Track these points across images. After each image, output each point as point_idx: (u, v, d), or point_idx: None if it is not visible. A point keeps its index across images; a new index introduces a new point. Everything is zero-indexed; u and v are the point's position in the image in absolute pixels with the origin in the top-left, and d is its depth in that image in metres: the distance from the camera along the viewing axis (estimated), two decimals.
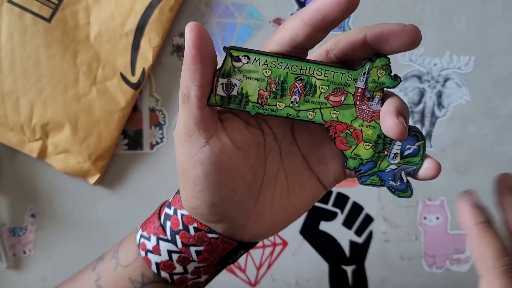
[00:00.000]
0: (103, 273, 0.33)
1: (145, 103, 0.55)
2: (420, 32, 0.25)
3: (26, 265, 0.55)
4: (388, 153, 0.29)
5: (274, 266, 0.58)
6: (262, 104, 0.27)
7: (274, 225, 0.31)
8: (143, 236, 0.32)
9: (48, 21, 0.51)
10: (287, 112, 0.28)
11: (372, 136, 0.28)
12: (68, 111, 0.51)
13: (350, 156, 0.29)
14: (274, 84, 0.27)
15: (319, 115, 0.28)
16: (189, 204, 0.29)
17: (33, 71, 0.51)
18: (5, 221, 0.54)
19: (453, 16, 0.57)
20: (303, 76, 0.27)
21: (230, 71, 0.27)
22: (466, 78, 0.58)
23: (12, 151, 0.53)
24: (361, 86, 0.27)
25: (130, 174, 0.56)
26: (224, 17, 0.55)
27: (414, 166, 0.29)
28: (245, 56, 0.27)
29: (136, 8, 0.51)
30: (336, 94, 0.28)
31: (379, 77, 0.27)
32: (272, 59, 0.27)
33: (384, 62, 0.27)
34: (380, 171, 0.29)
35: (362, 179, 0.30)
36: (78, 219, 0.56)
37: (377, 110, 0.28)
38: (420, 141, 0.29)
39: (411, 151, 0.29)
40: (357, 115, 0.28)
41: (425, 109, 0.58)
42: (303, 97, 0.28)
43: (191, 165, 0.27)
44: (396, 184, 0.30)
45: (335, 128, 0.28)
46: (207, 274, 0.32)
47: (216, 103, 0.27)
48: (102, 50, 0.52)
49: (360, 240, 0.58)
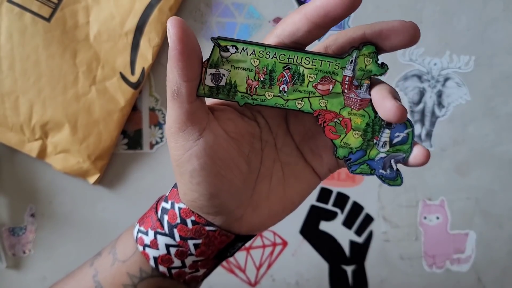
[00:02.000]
0: (101, 269, 0.33)
1: (144, 102, 0.55)
2: (418, 28, 0.25)
3: (26, 265, 0.55)
4: (377, 142, 0.29)
5: (274, 266, 0.58)
6: (250, 94, 0.27)
7: (270, 217, 0.31)
8: (141, 231, 0.32)
9: (48, 21, 0.51)
10: (276, 102, 0.28)
11: (361, 124, 0.28)
12: (68, 111, 0.51)
13: (339, 145, 0.29)
14: (262, 73, 0.27)
15: (308, 104, 0.28)
16: (188, 197, 0.29)
17: (32, 71, 0.51)
18: (4, 221, 0.54)
19: (453, 15, 0.57)
20: (291, 65, 0.27)
21: (218, 61, 0.27)
22: (466, 78, 0.58)
23: (11, 151, 0.53)
24: (348, 74, 0.27)
25: (130, 173, 0.56)
26: (224, 16, 0.55)
27: (404, 153, 0.29)
28: (232, 46, 0.26)
29: (135, 8, 0.51)
30: (324, 83, 0.28)
31: (366, 65, 0.27)
32: (260, 49, 0.27)
33: (370, 50, 0.27)
34: (370, 159, 0.29)
35: (352, 168, 0.29)
36: (78, 219, 0.56)
37: (365, 98, 0.28)
38: (409, 129, 0.28)
39: (400, 139, 0.29)
40: (345, 103, 0.28)
41: (425, 109, 0.58)
42: (292, 86, 0.27)
43: (186, 159, 0.27)
44: (386, 173, 0.29)
45: (324, 117, 0.28)
46: (205, 267, 0.32)
47: (205, 93, 0.27)
48: (101, 49, 0.52)
49: (360, 240, 0.58)
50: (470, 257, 0.60)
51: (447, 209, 0.59)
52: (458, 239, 0.59)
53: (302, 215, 0.58)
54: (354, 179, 0.57)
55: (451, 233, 0.59)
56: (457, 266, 0.60)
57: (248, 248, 0.58)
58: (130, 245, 0.33)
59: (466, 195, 0.59)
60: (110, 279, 0.33)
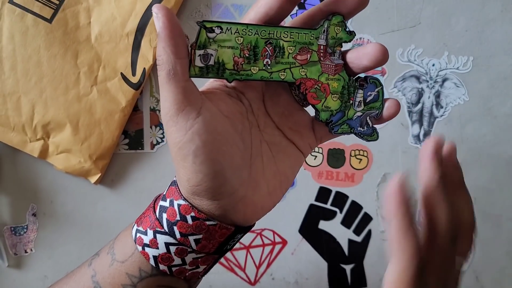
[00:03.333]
0: (99, 269, 0.34)
1: (145, 103, 0.55)
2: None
3: (27, 264, 0.56)
4: (353, 102, 0.32)
5: (274, 265, 0.58)
6: (238, 70, 0.30)
7: (270, 194, 0.33)
8: (139, 231, 0.32)
9: (49, 22, 0.51)
10: (261, 75, 0.30)
11: (338, 87, 0.31)
12: (69, 111, 0.52)
13: (321, 109, 0.32)
14: (247, 50, 0.29)
15: (290, 74, 0.30)
16: (192, 182, 0.29)
17: (34, 72, 0.51)
18: (6, 220, 0.55)
19: (451, 16, 0.57)
20: (272, 39, 0.30)
21: (205, 42, 0.29)
22: (464, 78, 0.58)
23: (13, 151, 0.53)
24: (322, 43, 0.30)
25: (131, 173, 0.56)
26: (224, 17, 0.55)
27: (377, 110, 0.32)
28: (217, 26, 0.29)
29: (136, 9, 0.52)
30: (302, 53, 0.30)
31: (337, 33, 0.30)
32: (243, 27, 0.29)
33: (339, 19, 0.30)
34: (349, 119, 0.32)
35: (334, 129, 0.32)
36: (79, 218, 0.56)
37: (339, 63, 0.31)
38: (379, 87, 0.32)
39: (372, 97, 0.32)
40: (322, 70, 0.31)
41: (423, 109, 0.58)
42: (274, 59, 0.30)
43: (188, 139, 0.28)
44: (364, 130, 0.32)
45: (305, 84, 0.31)
46: (205, 264, 0.32)
47: (196, 74, 0.29)
48: (103, 50, 0.52)
49: (359, 239, 0.59)
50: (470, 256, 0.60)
51: None
52: None
53: (301, 215, 0.58)
54: (354, 179, 0.58)
55: None
56: None
57: (248, 247, 0.58)
58: (129, 245, 0.33)
59: None
60: (109, 280, 0.33)
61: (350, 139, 0.57)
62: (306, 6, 0.55)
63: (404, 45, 0.57)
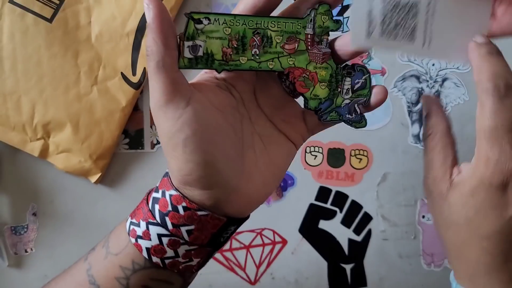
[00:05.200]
0: (94, 263, 0.34)
1: (146, 102, 0.55)
2: None
3: (28, 264, 0.56)
4: (341, 89, 0.32)
5: (274, 264, 0.58)
6: (226, 60, 0.30)
7: (264, 185, 0.33)
8: (133, 223, 0.32)
9: (49, 21, 0.51)
10: (250, 65, 0.30)
11: (326, 76, 0.32)
12: (69, 110, 0.52)
13: (310, 97, 0.32)
14: (235, 40, 0.30)
15: (278, 64, 0.31)
16: (183, 172, 0.30)
17: (34, 71, 0.51)
18: (6, 219, 0.55)
19: None
20: (260, 29, 0.30)
21: (194, 34, 0.29)
22: (464, 78, 0.58)
23: (13, 151, 0.53)
24: (310, 32, 0.31)
25: (131, 173, 0.56)
26: None
27: (365, 97, 0.32)
28: (205, 17, 0.29)
29: (137, 9, 0.52)
30: (290, 42, 0.31)
31: (323, 22, 0.31)
32: (230, 18, 0.29)
33: (326, 8, 0.31)
34: (337, 107, 0.32)
35: (323, 117, 0.32)
36: (79, 218, 0.56)
37: (327, 52, 0.31)
38: (366, 74, 0.32)
39: (360, 84, 0.32)
40: (310, 59, 0.31)
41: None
42: (262, 49, 0.30)
43: (178, 128, 0.28)
44: (352, 117, 0.33)
45: (294, 73, 0.31)
46: (199, 257, 0.32)
47: (185, 65, 0.29)
48: (103, 50, 0.52)
49: (359, 238, 0.59)
50: None
51: None
52: None
53: (301, 214, 0.58)
54: (353, 179, 0.58)
55: None
56: None
57: (248, 246, 0.58)
58: (123, 238, 0.33)
59: None
60: (103, 272, 0.33)
61: (350, 139, 0.58)
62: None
63: None
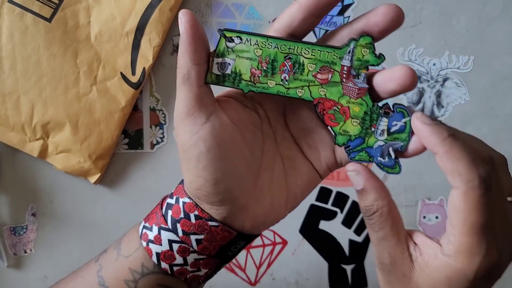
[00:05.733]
0: (105, 264, 0.34)
1: (145, 102, 0.55)
2: (401, 10, 0.28)
3: (27, 264, 0.55)
4: (375, 130, 0.30)
5: (274, 265, 0.58)
6: (254, 82, 0.29)
7: (274, 209, 0.32)
8: (146, 227, 0.33)
9: (49, 21, 0.51)
10: (278, 90, 0.29)
11: (359, 112, 0.29)
12: (69, 110, 0.52)
13: (338, 132, 0.30)
14: (265, 63, 0.29)
15: (308, 92, 0.29)
16: (193, 185, 0.30)
17: (33, 71, 0.51)
18: (6, 220, 0.55)
19: (452, 16, 0.57)
20: (292, 55, 0.29)
21: (224, 51, 0.29)
22: (465, 78, 0.58)
23: (13, 151, 0.53)
24: (346, 64, 0.29)
25: (131, 173, 0.56)
26: (224, 17, 0.55)
27: (402, 142, 0.29)
28: (237, 36, 0.29)
29: (136, 8, 0.52)
30: (323, 72, 0.29)
31: (363, 55, 0.28)
32: (263, 39, 0.29)
33: (367, 41, 0.28)
34: (368, 147, 0.30)
35: (351, 155, 0.30)
36: (79, 218, 0.56)
37: (363, 87, 0.29)
38: (406, 118, 0.29)
39: (398, 127, 0.29)
40: (344, 92, 0.29)
41: (424, 109, 0.58)
42: (292, 75, 0.29)
43: (193, 143, 0.29)
44: (385, 160, 0.30)
45: (324, 105, 0.29)
46: (207, 267, 0.32)
47: (212, 81, 0.29)
48: (102, 50, 0.52)
49: (359, 239, 0.59)
50: None
51: (447, 208, 0.59)
52: None
53: (302, 215, 0.58)
54: None
55: None
56: None
57: (248, 247, 0.58)
58: (134, 241, 0.33)
59: None
60: (112, 274, 0.33)
61: None
62: None
63: (405, 45, 0.57)
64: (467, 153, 0.26)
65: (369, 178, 0.29)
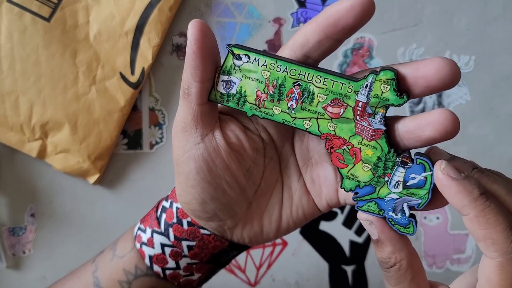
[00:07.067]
0: (101, 265, 0.34)
1: (144, 102, 0.55)
2: (458, 68, 0.23)
3: (26, 265, 0.55)
4: (389, 180, 0.26)
5: (274, 266, 0.58)
6: (259, 106, 0.27)
7: (262, 234, 0.31)
8: (140, 228, 0.33)
9: (48, 21, 0.51)
10: (283, 118, 0.26)
11: (372, 157, 0.26)
12: (68, 110, 0.51)
13: (346, 175, 0.26)
14: (272, 86, 0.26)
15: (316, 126, 0.26)
16: (182, 198, 0.30)
17: (32, 71, 0.51)
18: (4, 220, 0.54)
19: (453, 15, 0.57)
20: (301, 81, 0.26)
21: (230, 69, 0.26)
22: (466, 78, 0.58)
23: (11, 151, 0.53)
24: (362, 99, 0.25)
25: (130, 173, 0.56)
26: (224, 16, 0.55)
27: (419, 199, 0.25)
28: (245, 55, 0.26)
29: (135, 8, 0.51)
30: (334, 105, 0.26)
31: (382, 92, 0.25)
32: (272, 61, 0.26)
33: (389, 76, 0.24)
34: (379, 198, 0.26)
35: (359, 204, 0.27)
36: (78, 219, 0.56)
37: (379, 129, 0.25)
38: (428, 172, 0.25)
39: (416, 181, 0.25)
40: (356, 131, 0.26)
41: (425, 109, 0.58)
42: (300, 104, 0.26)
43: (184, 160, 0.28)
44: (397, 217, 0.26)
45: (332, 142, 0.26)
46: (200, 272, 0.32)
47: (216, 99, 0.27)
48: (101, 49, 0.52)
49: (360, 240, 0.58)
50: (470, 257, 0.59)
51: (447, 209, 0.59)
52: (458, 239, 0.59)
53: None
54: None
55: (451, 233, 0.59)
56: (457, 266, 0.60)
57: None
58: (129, 242, 0.33)
59: None
60: (107, 275, 0.33)
61: None
62: (307, 5, 0.54)
63: (406, 44, 0.57)
64: (503, 218, 0.22)
65: (383, 228, 0.25)
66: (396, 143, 0.26)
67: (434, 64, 0.23)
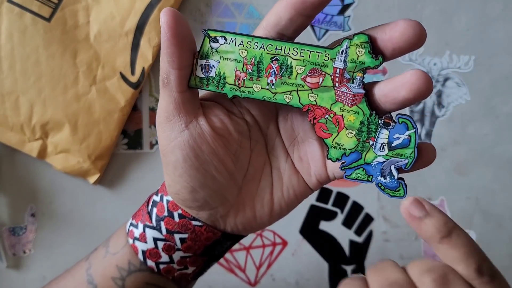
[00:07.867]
0: (94, 262, 0.34)
1: (144, 102, 0.55)
2: (423, 28, 0.24)
3: (26, 265, 0.55)
4: (374, 143, 0.26)
5: (274, 265, 0.58)
6: (239, 86, 0.27)
7: (256, 219, 0.31)
8: (132, 224, 0.33)
9: (48, 21, 0.51)
10: (264, 95, 0.26)
11: (355, 122, 0.26)
12: (68, 110, 0.51)
13: (331, 145, 0.26)
14: (250, 64, 0.26)
15: (297, 98, 0.26)
16: (171, 189, 0.30)
17: (32, 71, 0.51)
18: (5, 220, 0.54)
19: (453, 15, 0.57)
20: (279, 56, 0.26)
21: (208, 52, 0.27)
22: (466, 78, 0.58)
23: (12, 151, 0.53)
24: (339, 66, 0.25)
25: (130, 173, 0.56)
26: (224, 16, 0.55)
27: (406, 159, 0.25)
28: (222, 36, 0.26)
29: (135, 8, 0.51)
30: (313, 75, 0.26)
31: (358, 56, 0.25)
32: (248, 39, 0.26)
33: (363, 39, 0.25)
34: (366, 163, 0.26)
35: (347, 172, 0.26)
36: (78, 219, 0.56)
37: (359, 93, 0.25)
38: (411, 130, 0.25)
39: (400, 141, 0.25)
40: (336, 98, 0.26)
41: (425, 109, 0.58)
42: (279, 79, 0.26)
43: (170, 150, 0.28)
44: (386, 181, 0.26)
45: (314, 112, 0.26)
46: (194, 265, 0.32)
47: (196, 84, 0.27)
48: (101, 49, 0.52)
49: (360, 239, 0.58)
50: None
51: (447, 209, 0.59)
52: None
53: (302, 215, 0.58)
54: None
55: None
56: None
57: (248, 247, 0.58)
58: (122, 238, 0.33)
59: (466, 195, 0.59)
60: (100, 272, 0.33)
61: None
62: None
63: None
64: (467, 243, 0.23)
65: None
66: (376, 108, 0.26)
67: (398, 27, 0.24)
